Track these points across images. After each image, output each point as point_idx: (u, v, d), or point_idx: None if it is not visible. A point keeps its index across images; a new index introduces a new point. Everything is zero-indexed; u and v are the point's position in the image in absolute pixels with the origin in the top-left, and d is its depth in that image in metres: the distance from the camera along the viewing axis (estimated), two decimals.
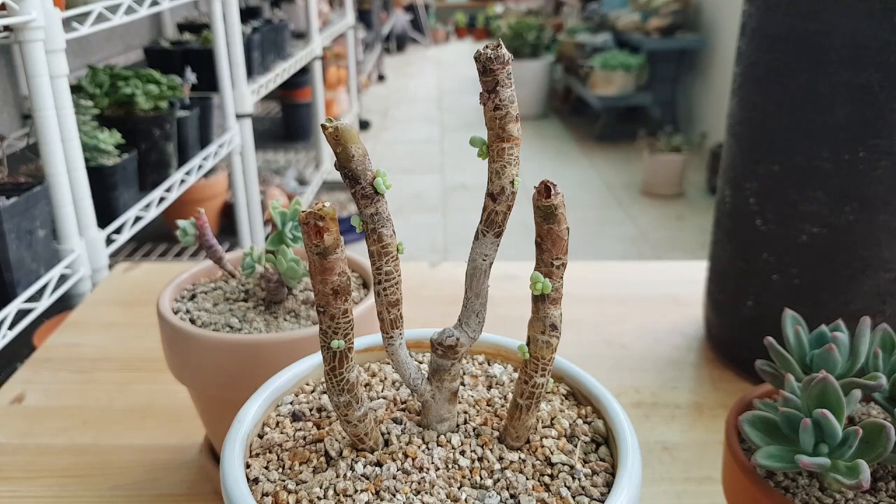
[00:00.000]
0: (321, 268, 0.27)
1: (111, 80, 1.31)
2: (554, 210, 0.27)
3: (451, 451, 0.31)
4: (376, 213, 0.28)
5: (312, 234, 0.26)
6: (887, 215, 0.52)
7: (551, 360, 0.30)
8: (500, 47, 0.27)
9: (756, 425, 0.36)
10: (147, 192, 1.32)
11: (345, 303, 0.28)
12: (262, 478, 0.30)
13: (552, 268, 0.28)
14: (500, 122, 0.27)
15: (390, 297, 0.30)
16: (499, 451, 0.31)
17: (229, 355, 0.43)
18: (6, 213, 0.86)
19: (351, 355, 0.29)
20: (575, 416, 0.34)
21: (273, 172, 2.78)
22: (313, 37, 2.76)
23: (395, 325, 0.31)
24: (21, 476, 0.52)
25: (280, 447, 0.32)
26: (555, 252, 0.28)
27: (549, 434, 0.32)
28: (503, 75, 0.27)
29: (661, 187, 3.42)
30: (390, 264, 0.29)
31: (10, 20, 0.88)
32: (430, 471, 0.30)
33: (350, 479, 0.29)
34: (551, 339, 0.29)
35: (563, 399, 0.35)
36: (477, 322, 0.31)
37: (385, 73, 6.37)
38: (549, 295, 0.29)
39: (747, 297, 0.60)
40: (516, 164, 0.28)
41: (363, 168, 0.27)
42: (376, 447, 0.31)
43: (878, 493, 0.34)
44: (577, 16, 5.26)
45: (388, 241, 0.29)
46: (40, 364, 0.66)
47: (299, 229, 0.47)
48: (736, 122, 0.60)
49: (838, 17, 0.50)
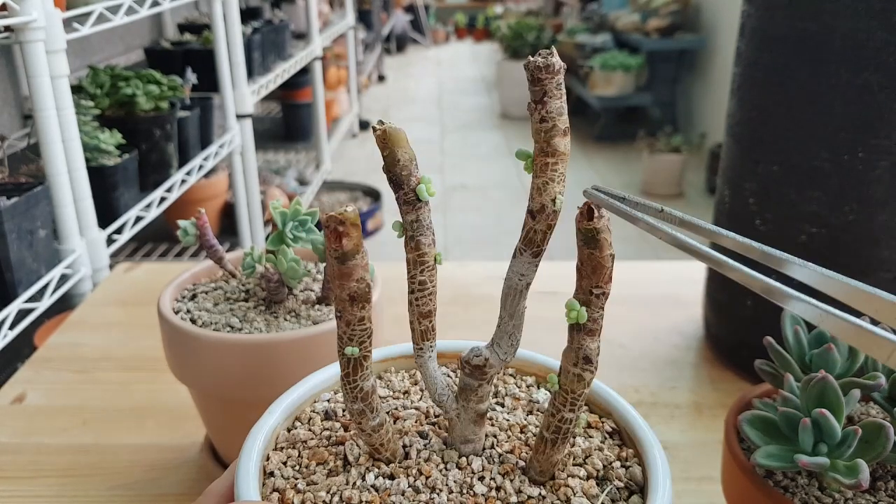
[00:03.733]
0: (339, 273, 0.26)
1: (112, 80, 1.31)
2: (596, 234, 0.25)
3: (470, 475, 0.29)
4: (417, 220, 0.27)
5: (332, 238, 0.25)
6: (886, 215, 0.52)
7: (582, 395, 0.28)
8: (551, 55, 0.25)
9: (755, 425, 0.36)
10: (148, 193, 1.32)
11: (361, 310, 0.27)
12: (277, 472, 0.30)
13: (591, 296, 0.26)
14: (546, 136, 0.26)
15: (422, 308, 0.29)
16: (518, 484, 0.29)
17: (230, 355, 0.43)
18: (7, 214, 0.86)
19: (367, 364, 0.28)
20: (613, 458, 0.31)
21: (273, 173, 2.78)
22: (313, 37, 2.76)
23: (425, 337, 0.30)
24: (22, 476, 0.52)
25: (304, 444, 0.32)
26: (595, 279, 0.26)
27: (577, 473, 0.30)
28: (552, 85, 0.25)
29: (660, 187, 3.42)
30: (425, 274, 0.28)
31: (11, 20, 0.88)
32: (441, 493, 0.28)
33: (358, 487, 0.29)
34: (584, 372, 0.27)
35: (607, 437, 0.32)
36: (509, 344, 0.29)
37: (385, 74, 6.37)
38: (586, 325, 0.27)
39: (747, 296, 0.60)
40: (561, 182, 0.26)
41: (408, 174, 0.27)
42: (393, 459, 0.30)
43: (878, 492, 0.34)
44: (577, 16, 5.26)
45: (426, 250, 0.28)
46: (41, 364, 0.66)
47: (299, 229, 0.47)
48: (735, 122, 0.60)
49: (838, 17, 0.50)
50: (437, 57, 7.59)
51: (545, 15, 6.03)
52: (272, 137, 3.34)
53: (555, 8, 6.20)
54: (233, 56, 1.72)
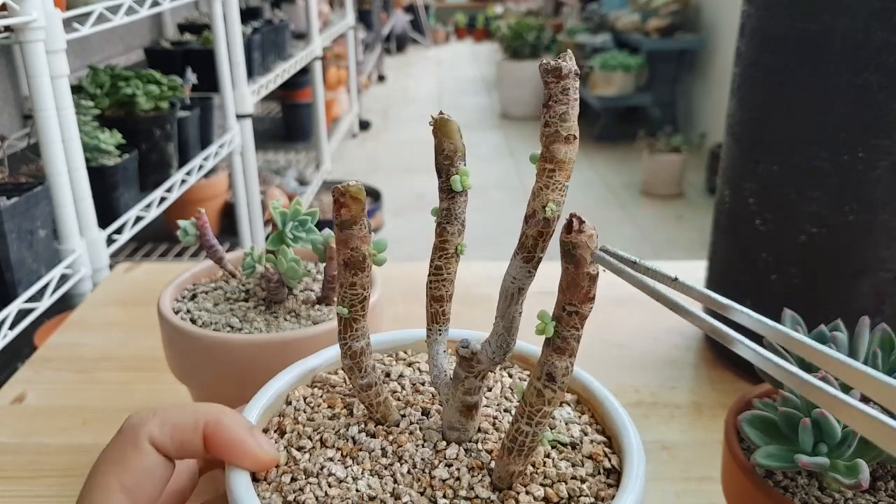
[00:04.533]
0: (338, 239, 0.28)
1: (112, 80, 1.31)
2: (573, 249, 0.24)
3: (440, 458, 0.30)
4: (448, 209, 0.29)
5: (335, 207, 0.28)
6: (886, 215, 0.52)
7: (541, 412, 0.27)
8: (563, 59, 0.24)
9: (755, 425, 0.36)
10: (148, 193, 1.32)
11: (353, 276, 0.29)
12: (293, 404, 0.33)
13: (563, 313, 0.25)
14: (546, 141, 0.25)
15: (434, 292, 0.30)
16: (477, 481, 0.29)
17: (230, 355, 0.43)
18: (7, 214, 0.86)
19: (356, 326, 0.30)
20: (588, 494, 0.28)
21: (273, 172, 2.78)
22: (313, 37, 2.76)
23: (434, 320, 0.31)
24: (22, 476, 0.52)
25: (331, 388, 0.34)
26: (569, 296, 0.25)
27: (535, 492, 0.28)
28: (557, 89, 0.24)
29: (660, 187, 3.42)
30: (442, 260, 0.29)
31: (11, 20, 0.88)
32: (404, 464, 0.29)
33: (339, 434, 0.31)
34: (545, 389, 0.26)
35: (599, 472, 0.30)
36: (498, 346, 0.29)
37: (385, 74, 6.37)
38: (555, 341, 0.25)
39: (746, 297, 0.60)
40: (557, 190, 0.25)
41: (449, 164, 0.28)
42: (383, 421, 0.32)
43: (878, 492, 0.34)
44: (577, 16, 5.26)
45: (448, 238, 0.29)
46: (41, 364, 0.66)
47: (299, 229, 0.47)
48: (735, 122, 0.60)
49: (838, 17, 0.50)
50: (437, 57, 7.60)
51: (545, 15, 6.04)
52: (272, 137, 3.34)
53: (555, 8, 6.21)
54: (233, 56, 1.72)
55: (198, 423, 0.28)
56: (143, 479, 0.26)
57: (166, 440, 0.27)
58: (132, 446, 0.27)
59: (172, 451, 0.28)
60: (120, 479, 0.26)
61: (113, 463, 0.27)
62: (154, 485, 0.27)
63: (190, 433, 0.28)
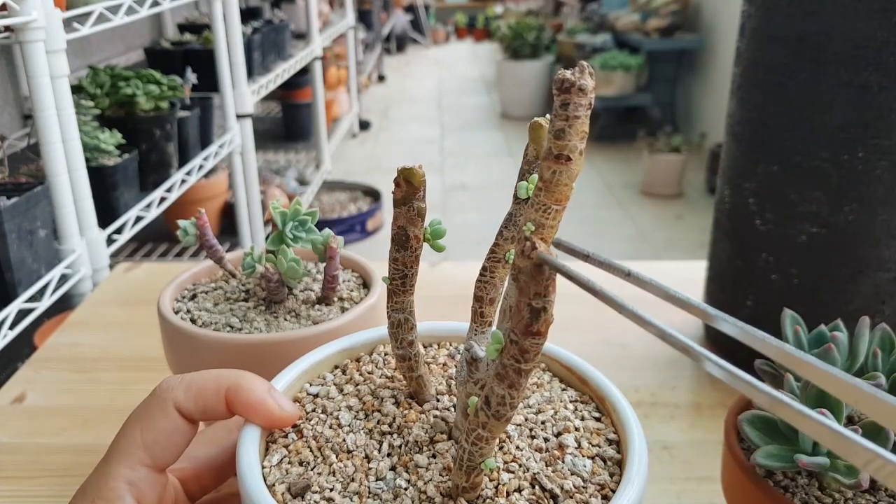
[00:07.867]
0: (394, 214, 0.30)
1: (112, 80, 1.31)
2: (517, 273, 0.21)
3: (429, 446, 0.30)
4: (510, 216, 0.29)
5: (395, 185, 0.29)
6: (886, 215, 0.52)
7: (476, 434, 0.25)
8: (571, 72, 0.22)
9: (755, 425, 0.36)
10: (148, 192, 1.32)
11: (396, 252, 0.30)
12: (329, 376, 0.35)
13: (508, 339, 0.23)
14: (542, 157, 0.24)
15: (476, 292, 0.30)
16: (441, 482, 0.28)
17: (230, 355, 0.43)
18: (7, 214, 0.86)
19: (396, 298, 0.31)
20: None
21: (273, 172, 2.78)
22: (313, 37, 2.76)
23: (473, 319, 0.31)
24: (22, 476, 0.52)
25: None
26: (514, 323, 0.22)
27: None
28: (556, 103, 0.22)
29: (660, 187, 3.42)
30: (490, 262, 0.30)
31: (11, 20, 0.88)
32: (395, 440, 0.30)
33: (372, 392, 0.33)
34: (480, 412, 0.25)
35: None
36: None
37: (385, 74, 6.37)
38: (496, 366, 0.23)
39: (747, 297, 0.60)
40: (539, 210, 0.24)
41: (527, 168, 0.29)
42: (415, 396, 0.33)
43: (878, 492, 0.34)
44: (577, 16, 5.26)
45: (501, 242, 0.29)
46: (41, 364, 0.66)
47: (299, 229, 0.47)
48: (735, 122, 0.60)
49: (838, 17, 0.50)
50: (437, 57, 7.60)
51: (545, 15, 6.04)
52: (272, 137, 3.34)
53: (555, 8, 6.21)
54: (233, 56, 1.72)
55: (220, 387, 0.30)
56: (162, 439, 0.29)
57: (190, 405, 0.30)
58: (158, 409, 0.30)
59: (196, 415, 0.30)
60: (143, 435, 0.29)
61: (139, 420, 0.30)
62: (172, 445, 0.29)
63: (212, 397, 0.30)
